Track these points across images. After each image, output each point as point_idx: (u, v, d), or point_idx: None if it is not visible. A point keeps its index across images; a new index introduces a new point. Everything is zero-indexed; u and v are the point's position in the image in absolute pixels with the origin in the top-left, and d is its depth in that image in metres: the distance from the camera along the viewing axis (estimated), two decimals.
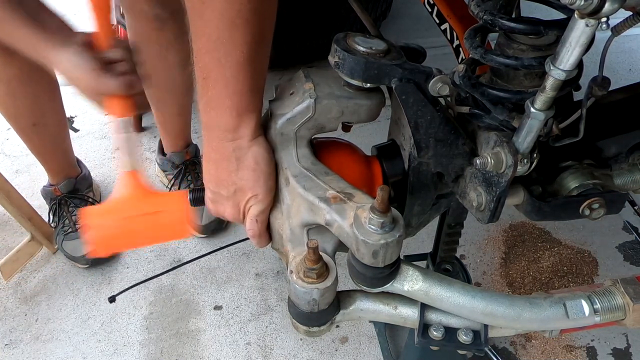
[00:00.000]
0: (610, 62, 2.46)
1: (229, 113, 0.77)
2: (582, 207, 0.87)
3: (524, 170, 0.79)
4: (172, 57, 1.56)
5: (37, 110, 1.54)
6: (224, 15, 0.70)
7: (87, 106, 2.29)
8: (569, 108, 0.80)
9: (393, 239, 0.70)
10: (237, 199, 0.83)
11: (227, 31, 0.71)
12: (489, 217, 0.82)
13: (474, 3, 0.79)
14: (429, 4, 1.47)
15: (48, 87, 1.55)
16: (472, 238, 1.73)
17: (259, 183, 0.81)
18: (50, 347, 1.50)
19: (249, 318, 1.55)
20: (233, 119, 0.78)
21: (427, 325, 0.84)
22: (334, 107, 0.81)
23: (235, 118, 0.78)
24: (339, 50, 0.77)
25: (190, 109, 1.77)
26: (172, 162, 1.82)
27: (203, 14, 0.71)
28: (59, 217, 1.71)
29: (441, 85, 0.78)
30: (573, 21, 0.62)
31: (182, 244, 1.76)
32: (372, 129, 1.88)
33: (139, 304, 1.59)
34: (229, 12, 0.70)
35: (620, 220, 1.78)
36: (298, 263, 0.77)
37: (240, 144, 0.80)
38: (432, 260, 1.19)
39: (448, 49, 1.43)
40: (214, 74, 0.75)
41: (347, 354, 1.46)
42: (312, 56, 2.20)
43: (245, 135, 0.80)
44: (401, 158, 0.88)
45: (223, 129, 0.79)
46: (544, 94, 0.70)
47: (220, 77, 0.75)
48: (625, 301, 0.79)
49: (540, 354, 1.45)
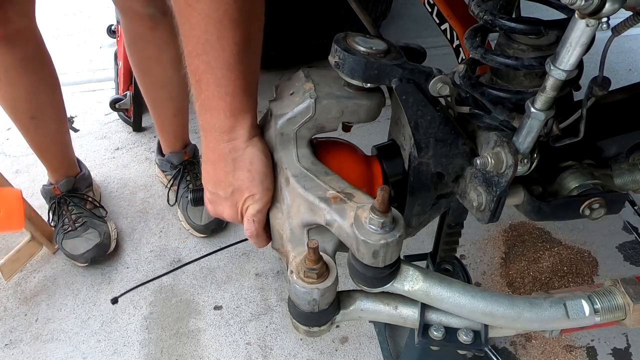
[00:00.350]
0: (610, 62, 2.46)
1: (224, 114, 0.77)
2: (582, 207, 0.87)
3: (524, 170, 0.79)
4: (167, 57, 1.56)
5: (35, 102, 1.54)
6: (211, 17, 0.70)
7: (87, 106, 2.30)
8: (569, 108, 0.80)
9: (393, 239, 0.70)
10: (234, 199, 0.84)
11: (215, 33, 0.71)
12: (489, 217, 0.82)
13: (474, 3, 0.79)
14: (429, 4, 1.47)
15: (47, 79, 1.56)
16: (472, 238, 1.73)
17: (254, 183, 0.81)
18: (50, 347, 1.50)
19: (249, 318, 1.55)
20: (228, 120, 0.78)
21: (427, 325, 0.84)
22: (334, 107, 0.81)
23: (230, 119, 0.78)
24: (339, 50, 0.77)
25: (186, 109, 1.77)
26: (171, 162, 1.82)
27: (190, 17, 0.71)
28: (59, 216, 1.71)
29: (441, 85, 0.78)
30: (573, 21, 0.62)
31: (182, 243, 1.76)
32: (372, 129, 1.88)
33: (139, 304, 1.59)
34: (216, 14, 0.70)
35: (620, 220, 1.78)
36: (298, 263, 0.77)
37: (236, 145, 0.80)
38: (432, 260, 1.19)
39: (448, 49, 1.43)
40: (206, 76, 0.75)
41: (347, 354, 1.46)
42: (312, 56, 2.20)
43: (240, 136, 0.80)
44: (401, 158, 0.88)
45: (219, 130, 0.79)
46: (544, 94, 0.70)
47: (212, 79, 0.75)
48: (625, 301, 0.80)
49: (540, 354, 1.45)
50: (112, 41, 2.57)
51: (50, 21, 2.82)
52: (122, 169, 2.03)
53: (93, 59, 2.60)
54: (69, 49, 2.68)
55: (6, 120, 1.64)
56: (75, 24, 2.87)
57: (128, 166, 2.04)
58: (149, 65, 1.61)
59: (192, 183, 1.80)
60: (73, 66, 2.54)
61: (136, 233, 1.79)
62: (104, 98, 2.31)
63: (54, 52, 1.57)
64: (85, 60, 2.59)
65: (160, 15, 1.47)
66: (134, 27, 1.52)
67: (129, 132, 2.18)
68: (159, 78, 1.63)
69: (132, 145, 2.13)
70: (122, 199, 1.91)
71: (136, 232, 1.80)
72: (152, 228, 1.81)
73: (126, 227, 1.81)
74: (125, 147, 2.12)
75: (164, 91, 1.67)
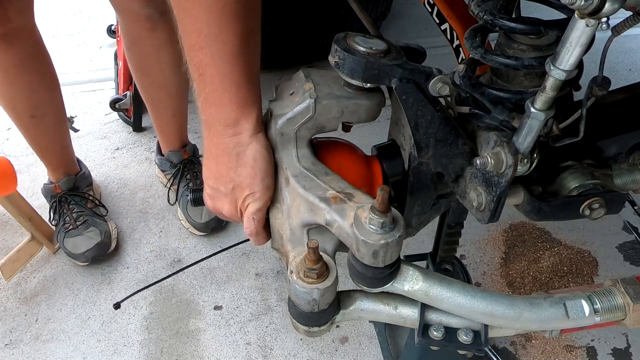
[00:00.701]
0: (610, 62, 2.46)
1: (229, 107, 0.78)
2: (582, 207, 0.87)
3: (524, 170, 0.79)
4: (166, 57, 1.56)
5: (35, 101, 1.54)
6: (212, 9, 0.71)
7: (87, 106, 2.30)
8: (569, 108, 0.80)
9: (393, 239, 0.70)
10: (234, 195, 0.83)
11: (217, 25, 0.72)
12: (489, 217, 0.82)
13: (474, 3, 0.80)
14: (429, 4, 1.47)
15: (46, 78, 1.56)
16: (472, 238, 1.73)
17: (255, 181, 0.81)
18: (50, 347, 1.50)
19: (249, 318, 1.55)
20: (233, 112, 0.78)
21: (427, 325, 0.84)
22: (334, 107, 0.81)
23: (236, 111, 0.78)
24: (339, 50, 0.77)
25: (185, 109, 1.77)
26: (170, 161, 1.82)
27: (191, 11, 0.72)
28: (60, 214, 1.71)
29: (441, 85, 0.78)
30: (573, 21, 0.62)
31: (182, 243, 1.76)
32: (372, 129, 1.88)
33: (139, 304, 1.59)
34: (217, 6, 0.70)
35: (620, 220, 1.78)
36: (298, 263, 0.77)
37: (241, 140, 0.80)
38: (432, 260, 1.19)
39: (448, 49, 1.43)
40: (210, 69, 0.75)
41: (347, 354, 1.46)
42: (312, 56, 2.20)
43: (245, 130, 0.80)
44: (401, 158, 0.88)
45: (224, 123, 0.79)
46: (544, 94, 0.70)
47: (216, 72, 0.75)
48: (625, 301, 0.79)
49: (540, 354, 1.45)
50: (112, 41, 2.57)
51: (50, 21, 2.82)
52: (122, 169, 2.03)
53: (93, 59, 2.60)
54: (69, 49, 2.68)
55: (6, 120, 1.64)
56: (75, 24, 2.87)
57: (128, 166, 2.04)
58: (148, 65, 1.61)
59: (192, 182, 1.80)
60: (73, 66, 2.54)
61: (136, 233, 1.79)
62: (104, 98, 2.32)
63: (54, 52, 1.57)
64: (85, 60, 2.59)
65: (158, 15, 1.47)
66: (132, 27, 1.53)
67: (129, 132, 2.18)
68: (157, 78, 1.63)
69: (132, 145, 2.13)
70: (122, 199, 1.91)
71: (136, 232, 1.80)
72: (152, 228, 1.81)
73: (126, 227, 1.81)
74: (125, 147, 2.12)
75: (162, 91, 1.67)
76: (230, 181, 0.82)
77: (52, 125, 1.64)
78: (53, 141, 1.69)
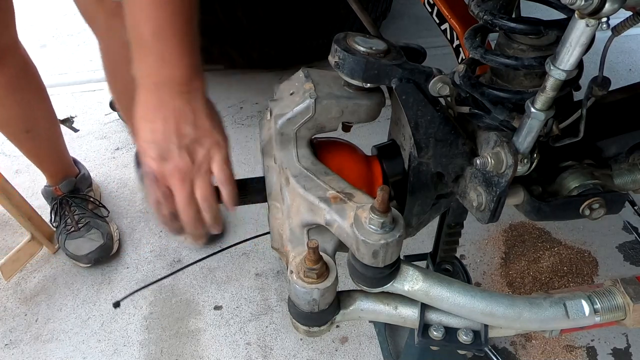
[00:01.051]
0: (610, 62, 2.46)
1: (185, 67, 0.81)
2: (582, 207, 0.87)
3: (524, 170, 0.79)
4: None
5: (29, 117, 1.53)
6: None
7: (87, 106, 2.30)
8: (569, 108, 0.80)
9: (393, 239, 0.70)
10: (192, 149, 0.84)
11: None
12: (489, 217, 0.82)
13: (474, 3, 0.80)
14: (429, 4, 1.47)
15: (37, 92, 1.54)
16: (472, 238, 1.73)
17: (217, 130, 0.85)
18: (50, 347, 1.50)
19: (249, 318, 1.55)
20: (188, 71, 0.82)
21: (427, 325, 0.84)
22: (334, 107, 0.81)
23: (190, 69, 0.82)
24: (339, 50, 0.77)
25: None
26: None
27: None
28: (61, 216, 1.71)
29: (441, 85, 0.78)
30: (573, 21, 0.62)
31: (182, 243, 1.75)
32: (372, 129, 1.87)
33: (139, 304, 1.59)
34: None
35: (620, 220, 1.78)
36: (298, 263, 0.77)
37: (196, 96, 0.83)
38: (432, 260, 1.19)
39: (448, 49, 1.43)
40: (166, 31, 0.79)
41: (347, 354, 1.46)
42: (312, 56, 2.20)
43: (199, 87, 0.84)
44: (401, 158, 0.88)
45: (177, 82, 0.82)
46: (544, 94, 0.70)
47: (176, 31, 0.79)
48: (625, 301, 0.80)
49: (540, 354, 1.45)
50: None
51: (50, 21, 2.82)
52: (122, 169, 2.03)
53: (93, 59, 2.59)
54: (69, 49, 2.68)
55: None
56: (75, 24, 2.86)
57: (128, 166, 2.04)
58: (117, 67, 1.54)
59: None
60: (73, 66, 2.53)
61: (136, 233, 1.79)
62: (104, 98, 2.31)
63: (54, 52, 1.57)
64: (85, 60, 2.59)
65: None
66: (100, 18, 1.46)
67: (129, 132, 2.18)
68: None
69: (132, 145, 2.12)
70: (122, 199, 1.91)
71: (136, 232, 1.80)
72: (152, 228, 1.81)
73: (126, 227, 1.81)
74: (125, 147, 2.12)
75: None
76: (185, 136, 0.83)
77: (46, 135, 1.64)
78: (49, 150, 1.69)
